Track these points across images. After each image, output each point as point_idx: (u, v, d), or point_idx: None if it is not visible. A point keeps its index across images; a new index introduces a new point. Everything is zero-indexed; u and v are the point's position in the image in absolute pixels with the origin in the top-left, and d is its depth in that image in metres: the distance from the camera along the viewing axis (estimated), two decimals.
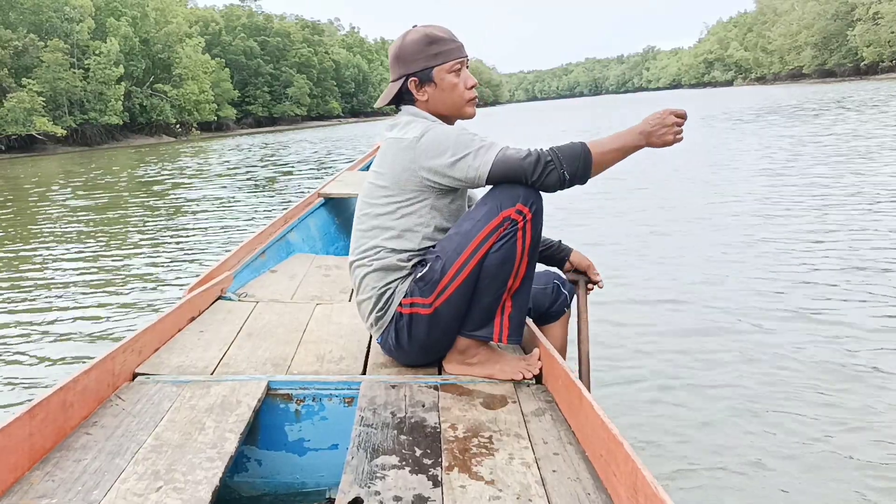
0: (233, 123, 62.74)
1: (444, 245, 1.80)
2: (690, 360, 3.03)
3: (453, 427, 1.57)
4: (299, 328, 2.29)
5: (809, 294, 3.80)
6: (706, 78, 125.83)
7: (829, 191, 6.93)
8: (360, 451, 1.45)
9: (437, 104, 1.89)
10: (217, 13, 71.34)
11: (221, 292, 2.65)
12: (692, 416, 2.51)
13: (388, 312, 1.86)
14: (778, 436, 2.33)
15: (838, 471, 2.11)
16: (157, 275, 5.47)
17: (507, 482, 1.34)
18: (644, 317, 3.62)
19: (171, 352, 2.06)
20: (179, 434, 1.54)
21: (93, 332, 3.97)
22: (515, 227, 1.73)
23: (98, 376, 1.69)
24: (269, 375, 1.87)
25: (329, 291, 2.80)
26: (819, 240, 5.00)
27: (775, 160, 9.51)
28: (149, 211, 9.86)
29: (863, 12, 64.12)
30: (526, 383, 1.84)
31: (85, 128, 44.46)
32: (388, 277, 1.85)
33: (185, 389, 1.79)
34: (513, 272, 1.77)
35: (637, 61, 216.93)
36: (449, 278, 1.76)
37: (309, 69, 74.73)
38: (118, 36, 46.52)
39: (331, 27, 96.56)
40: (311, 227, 3.82)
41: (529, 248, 1.76)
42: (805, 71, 77.88)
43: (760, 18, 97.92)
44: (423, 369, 1.93)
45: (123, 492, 1.30)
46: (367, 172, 3.50)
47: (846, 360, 2.89)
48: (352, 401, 1.77)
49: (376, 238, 1.85)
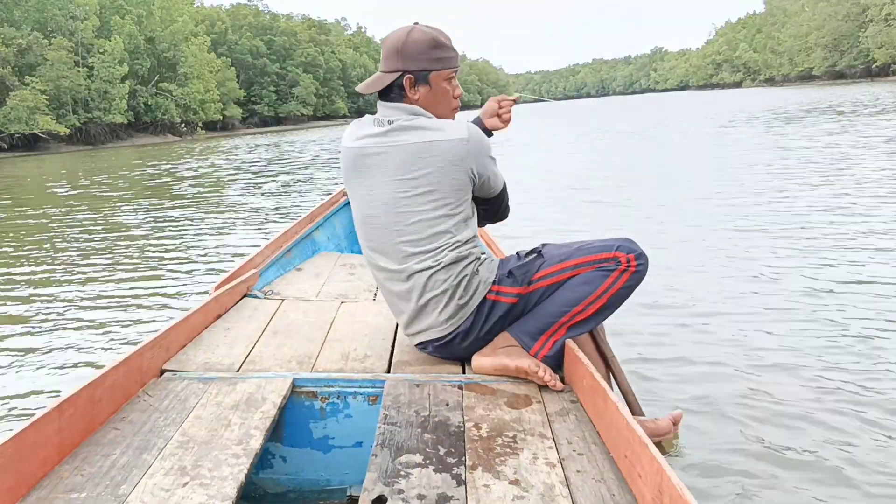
0: (238, 123, 62.89)
1: (550, 249, 1.91)
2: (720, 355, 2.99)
3: (477, 426, 1.57)
4: (324, 326, 2.30)
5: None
6: (714, 79, 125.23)
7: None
8: (384, 449, 1.45)
9: (427, 106, 1.92)
10: (223, 12, 71.58)
11: (247, 290, 2.67)
12: (720, 418, 2.45)
13: (475, 298, 1.88)
14: (812, 440, 2.26)
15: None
16: (184, 273, 5.49)
17: (532, 482, 1.33)
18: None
19: (197, 349, 2.07)
20: (206, 430, 1.55)
21: (121, 329, 4.00)
22: (617, 266, 1.82)
23: (126, 372, 1.70)
24: (294, 373, 1.88)
25: (354, 289, 2.81)
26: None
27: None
28: (170, 209, 9.88)
29: (875, 13, 63.61)
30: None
31: (89, 126, 44.62)
32: (457, 267, 1.86)
33: (212, 386, 1.80)
34: (587, 299, 1.83)
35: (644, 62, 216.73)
36: (542, 275, 1.86)
37: (315, 69, 74.86)
38: (123, 34, 46.66)
39: (337, 27, 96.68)
40: (336, 225, 3.84)
41: (616, 292, 1.83)
42: (815, 73, 77.46)
43: (770, 19, 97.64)
44: (446, 368, 1.93)
45: (150, 487, 1.30)
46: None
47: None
48: (376, 399, 1.77)
49: (437, 241, 1.86)
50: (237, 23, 70.74)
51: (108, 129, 46.17)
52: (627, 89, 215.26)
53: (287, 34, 73.44)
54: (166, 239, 7.18)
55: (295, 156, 20.83)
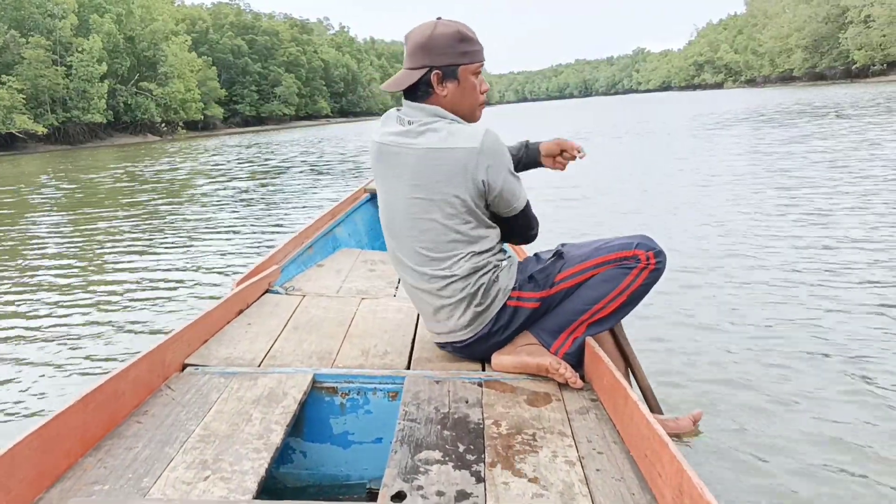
0: (220, 122, 62.47)
1: (570, 250, 1.90)
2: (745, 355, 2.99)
3: (497, 423, 1.57)
4: (345, 322, 2.30)
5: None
6: (696, 80, 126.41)
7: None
8: (403, 445, 1.45)
9: (455, 103, 1.87)
10: (204, 11, 71.04)
11: (269, 286, 2.67)
12: (741, 417, 2.44)
13: (494, 306, 1.86)
14: (836, 440, 2.25)
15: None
16: (204, 269, 5.53)
17: (551, 480, 1.33)
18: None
19: (219, 343, 2.07)
20: (227, 425, 1.55)
21: (144, 324, 4.04)
22: (637, 263, 1.83)
23: (149, 366, 1.70)
24: (314, 368, 1.87)
25: (375, 286, 2.81)
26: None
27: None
28: (185, 207, 9.86)
29: (855, 15, 63.99)
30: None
31: (67, 126, 44.04)
32: (474, 276, 1.84)
33: (233, 381, 1.79)
34: (607, 297, 1.83)
35: (627, 63, 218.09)
36: (564, 276, 1.85)
37: (297, 68, 74.57)
38: (102, 33, 46.09)
39: (320, 26, 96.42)
40: (357, 222, 3.85)
41: (636, 289, 1.84)
42: (795, 74, 78.07)
43: (751, 21, 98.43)
44: (466, 365, 1.93)
45: (172, 480, 1.31)
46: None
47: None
48: (396, 395, 1.77)
49: (452, 250, 1.84)
50: (218, 22, 70.24)
51: (86, 128, 45.62)
52: (610, 90, 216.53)
53: (269, 33, 73.05)
54: (188, 237, 7.23)
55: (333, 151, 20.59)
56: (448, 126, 1.81)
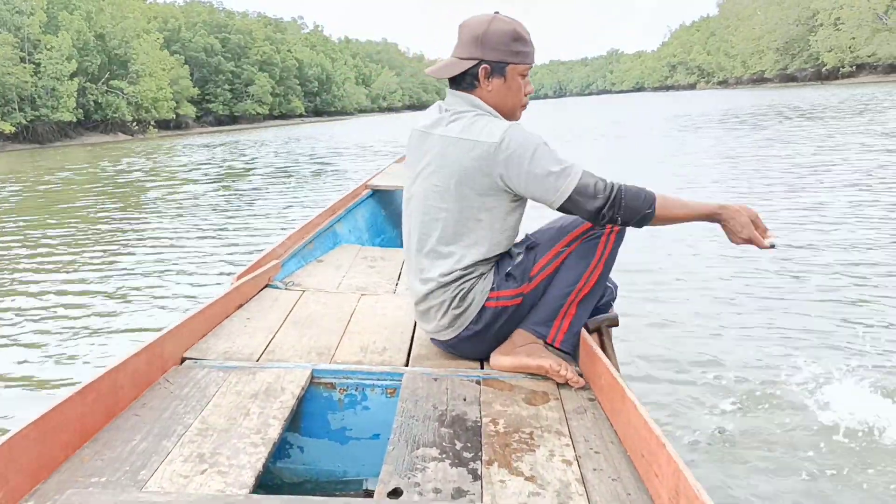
0: (192, 122, 61.54)
1: (538, 237, 1.88)
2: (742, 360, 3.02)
3: (494, 422, 1.57)
4: (344, 318, 2.30)
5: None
6: (669, 81, 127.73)
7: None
8: (400, 442, 1.46)
9: (498, 100, 1.86)
10: (177, 9, 70.00)
11: (269, 280, 2.67)
12: (740, 420, 2.47)
13: (472, 309, 1.85)
14: (834, 439, 2.27)
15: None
16: (204, 264, 5.55)
17: (547, 479, 1.34)
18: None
19: (218, 337, 2.06)
20: (225, 419, 1.54)
21: (143, 317, 4.05)
22: (603, 231, 1.83)
23: (147, 359, 1.69)
24: (313, 364, 1.87)
25: (374, 282, 2.81)
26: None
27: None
28: (182, 204, 9.86)
29: (825, 17, 64.79)
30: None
31: (36, 125, 43.02)
32: (455, 284, 1.85)
33: (232, 375, 1.79)
34: (586, 273, 1.83)
35: (601, 64, 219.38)
36: (539, 267, 1.84)
37: (271, 67, 73.81)
38: (71, 30, 45.14)
39: (294, 25, 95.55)
40: (357, 218, 3.85)
41: (607, 257, 1.84)
42: (767, 75, 78.98)
43: (723, 23, 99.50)
44: (465, 363, 1.93)
45: (169, 473, 1.31)
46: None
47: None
48: (394, 392, 1.77)
49: (447, 258, 1.85)
50: (191, 20, 69.21)
51: (56, 127, 44.58)
52: (584, 90, 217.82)
53: (242, 32, 72.20)
54: (189, 230, 7.26)
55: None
56: (476, 118, 1.79)
